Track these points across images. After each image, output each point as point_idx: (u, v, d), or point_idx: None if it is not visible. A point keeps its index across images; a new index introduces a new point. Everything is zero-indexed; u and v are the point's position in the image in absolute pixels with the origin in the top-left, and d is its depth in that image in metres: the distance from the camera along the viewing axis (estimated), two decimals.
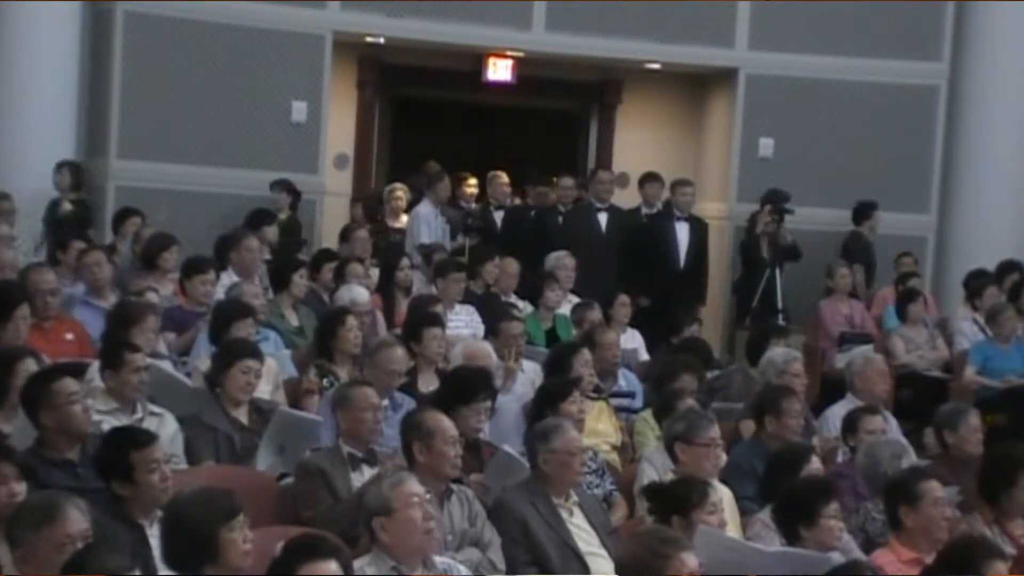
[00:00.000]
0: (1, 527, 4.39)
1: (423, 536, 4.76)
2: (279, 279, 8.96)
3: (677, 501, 5.40)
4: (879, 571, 5.08)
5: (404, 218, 12.11)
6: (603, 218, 11.41)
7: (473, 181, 12.80)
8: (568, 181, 11.97)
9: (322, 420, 6.33)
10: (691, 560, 4.36)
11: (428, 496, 4.90)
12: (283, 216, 11.55)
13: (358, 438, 5.92)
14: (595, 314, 9.16)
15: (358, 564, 4.60)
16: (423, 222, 11.46)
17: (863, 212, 12.26)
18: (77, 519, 4.21)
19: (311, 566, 4.05)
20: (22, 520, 4.26)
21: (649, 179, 11.90)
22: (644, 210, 11.72)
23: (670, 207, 11.57)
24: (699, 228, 11.57)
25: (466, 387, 6.36)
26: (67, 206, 11.12)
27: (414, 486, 4.83)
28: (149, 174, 11.53)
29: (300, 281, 8.91)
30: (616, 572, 4.64)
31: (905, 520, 5.51)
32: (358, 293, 8.63)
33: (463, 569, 5.03)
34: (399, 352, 7.01)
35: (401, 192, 12.51)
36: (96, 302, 8.17)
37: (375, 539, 4.75)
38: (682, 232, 11.44)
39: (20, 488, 4.65)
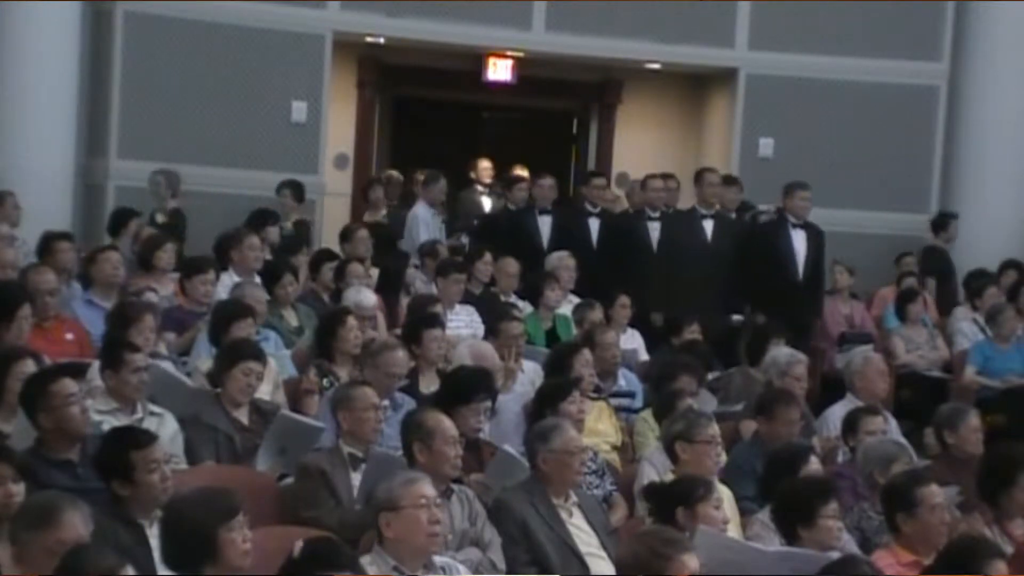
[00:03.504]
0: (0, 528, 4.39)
1: (426, 538, 4.75)
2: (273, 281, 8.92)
3: (678, 499, 5.40)
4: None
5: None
6: (709, 225, 10.62)
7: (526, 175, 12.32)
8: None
9: (324, 427, 6.30)
10: (692, 561, 4.36)
11: (438, 501, 4.88)
12: None
13: (359, 438, 5.91)
14: (595, 314, 9.15)
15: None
16: (421, 223, 11.45)
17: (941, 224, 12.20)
18: (75, 525, 4.16)
19: None
20: (21, 519, 4.25)
21: (728, 183, 11.20)
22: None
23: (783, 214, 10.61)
24: (816, 236, 10.58)
25: (466, 387, 6.36)
26: (289, 227, 11.20)
27: (426, 488, 4.81)
28: (149, 174, 11.49)
29: (290, 288, 8.81)
30: (616, 573, 4.64)
31: (903, 527, 5.48)
32: (365, 296, 8.52)
33: (463, 569, 5.03)
34: (400, 355, 6.98)
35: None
36: (101, 302, 8.16)
37: (380, 535, 4.74)
38: (799, 240, 10.50)
39: (18, 489, 4.64)
